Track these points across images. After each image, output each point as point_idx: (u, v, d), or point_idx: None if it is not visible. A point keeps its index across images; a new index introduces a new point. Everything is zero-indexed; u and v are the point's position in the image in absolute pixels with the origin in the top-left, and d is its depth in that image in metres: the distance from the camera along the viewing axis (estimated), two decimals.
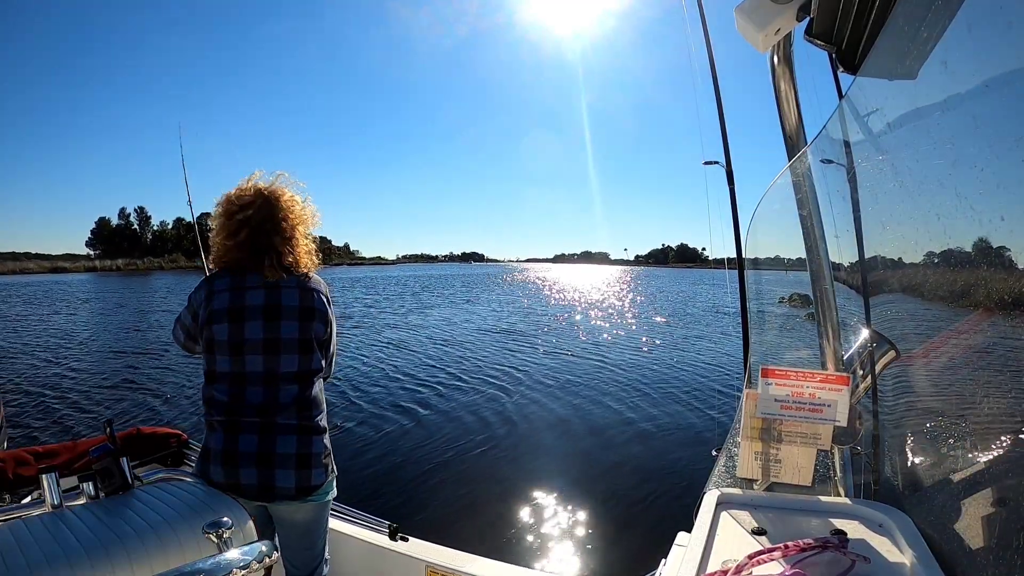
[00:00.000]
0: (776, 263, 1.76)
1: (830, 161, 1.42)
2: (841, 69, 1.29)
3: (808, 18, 1.21)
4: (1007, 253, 0.80)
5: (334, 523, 2.06)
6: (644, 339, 15.66)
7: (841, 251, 1.45)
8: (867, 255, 1.39)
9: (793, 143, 1.46)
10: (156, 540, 1.58)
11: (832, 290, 1.42)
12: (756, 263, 1.90)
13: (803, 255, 1.45)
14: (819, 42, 1.25)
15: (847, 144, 1.35)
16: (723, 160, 3.62)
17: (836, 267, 1.43)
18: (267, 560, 1.27)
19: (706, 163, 3.72)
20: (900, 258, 1.25)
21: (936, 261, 1.01)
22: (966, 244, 0.90)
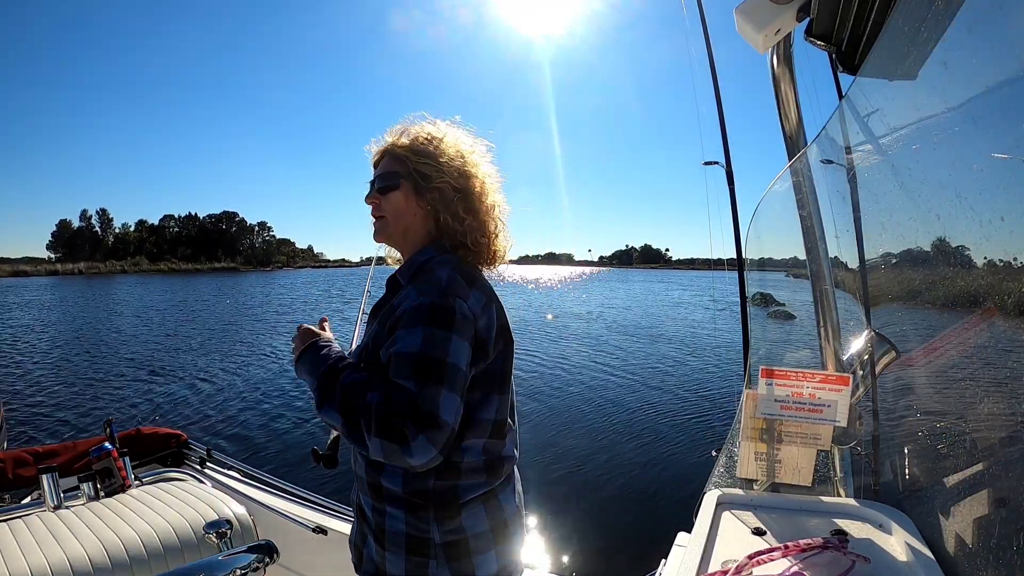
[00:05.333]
0: (776, 264, 1.76)
1: (830, 161, 1.42)
2: (841, 69, 1.29)
3: (808, 19, 1.21)
4: (1007, 253, 0.79)
5: (335, 523, 2.06)
6: (642, 339, 15.66)
7: (841, 251, 1.46)
8: (867, 255, 1.39)
9: (793, 143, 1.46)
10: (156, 540, 1.59)
11: (832, 290, 1.42)
12: (756, 263, 1.90)
13: (803, 255, 1.45)
14: (819, 42, 1.25)
15: (847, 144, 1.35)
16: (723, 160, 3.63)
17: (836, 267, 1.44)
18: (267, 560, 1.27)
19: (706, 163, 3.73)
20: (900, 258, 1.25)
21: (936, 261, 1.01)
22: (966, 244, 0.90)
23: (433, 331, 0.91)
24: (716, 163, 3.67)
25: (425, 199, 1.08)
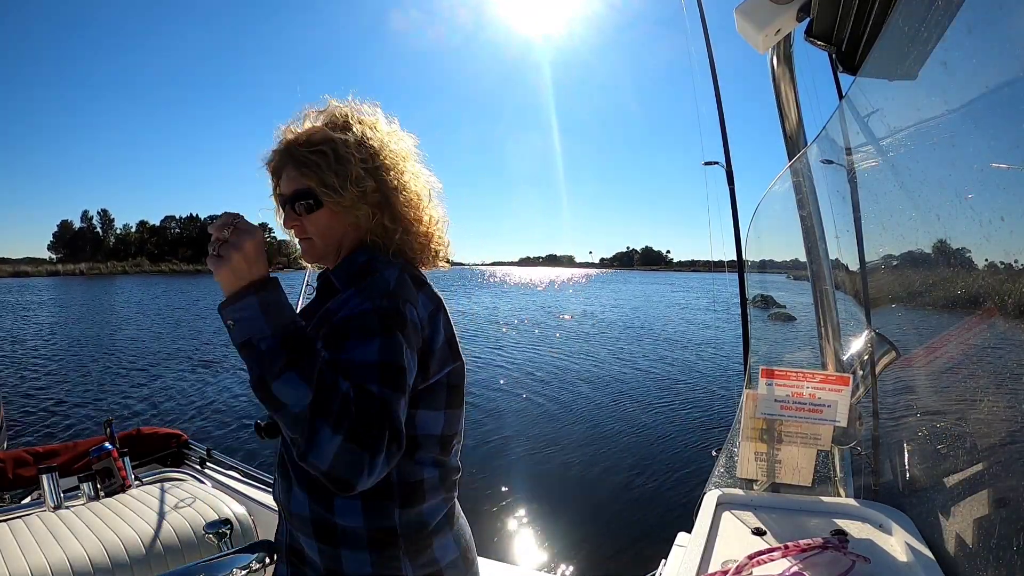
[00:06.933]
0: (776, 264, 1.76)
1: (830, 161, 1.42)
2: (841, 69, 1.29)
3: (808, 19, 1.21)
4: (1007, 254, 0.80)
5: None
6: (641, 338, 15.65)
7: (841, 251, 1.46)
8: (867, 256, 1.39)
9: (793, 143, 1.46)
10: (156, 540, 1.59)
11: (832, 290, 1.42)
12: (756, 263, 1.90)
13: (803, 256, 1.45)
14: (819, 42, 1.25)
15: (847, 144, 1.35)
16: (723, 160, 3.62)
17: (836, 267, 1.44)
18: (267, 560, 1.27)
19: (706, 163, 3.73)
20: (900, 259, 1.25)
21: (936, 262, 1.01)
22: (966, 244, 0.90)
23: (386, 339, 0.80)
24: (716, 163, 3.67)
25: (355, 206, 0.93)
